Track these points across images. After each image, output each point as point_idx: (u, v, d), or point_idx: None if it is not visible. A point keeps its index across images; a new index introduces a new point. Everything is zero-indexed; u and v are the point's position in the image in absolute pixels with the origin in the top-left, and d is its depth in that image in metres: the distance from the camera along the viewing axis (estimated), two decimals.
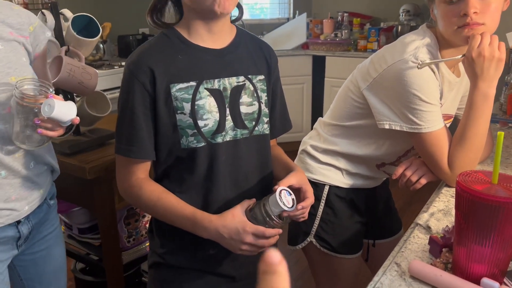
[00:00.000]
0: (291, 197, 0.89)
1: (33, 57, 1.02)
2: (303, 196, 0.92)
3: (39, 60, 1.04)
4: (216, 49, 0.93)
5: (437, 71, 1.06)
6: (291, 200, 0.88)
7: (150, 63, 0.88)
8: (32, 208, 1.06)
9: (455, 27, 1.01)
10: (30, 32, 1.00)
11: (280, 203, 0.85)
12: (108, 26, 3.23)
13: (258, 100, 0.97)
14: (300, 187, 0.92)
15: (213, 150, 0.92)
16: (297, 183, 0.92)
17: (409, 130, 1.06)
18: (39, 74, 1.02)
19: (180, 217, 0.90)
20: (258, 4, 4.41)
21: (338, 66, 3.62)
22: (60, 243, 1.20)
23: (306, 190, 0.92)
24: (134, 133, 0.90)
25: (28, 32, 1.00)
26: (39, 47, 1.03)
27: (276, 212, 0.87)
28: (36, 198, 1.07)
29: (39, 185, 1.07)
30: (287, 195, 0.88)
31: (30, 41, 1.00)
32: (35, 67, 1.02)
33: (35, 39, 1.02)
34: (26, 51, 1.00)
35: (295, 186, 0.92)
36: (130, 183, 0.94)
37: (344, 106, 1.22)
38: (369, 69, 1.13)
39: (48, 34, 1.06)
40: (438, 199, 1.05)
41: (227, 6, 0.85)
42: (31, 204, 1.05)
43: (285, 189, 0.89)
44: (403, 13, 3.63)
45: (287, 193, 0.89)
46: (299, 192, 0.92)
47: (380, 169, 1.25)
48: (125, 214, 1.58)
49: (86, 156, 1.42)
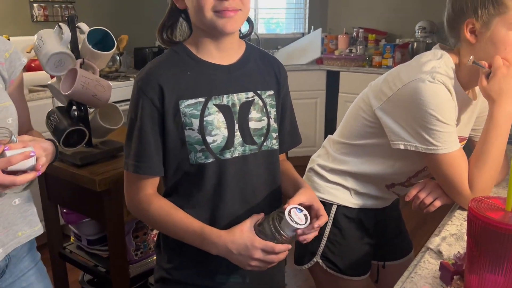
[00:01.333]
0: (303, 213, 0.87)
1: (9, 83, 1.01)
2: (316, 214, 0.90)
3: (14, 86, 1.03)
4: (225, 65, 0.93)
5: (453, 92, 1.04)
6: (303, 217, 0.87)
7: (159, 79, 0.88)
8: (7, 251, 0.98)
9: None
10: (5, 58, 0.99)
11: (291, 223, 0.84)
12: (125, 38, 3.28)
13: (267, 116, 0.97)
14: (311, 205, 0.91)
15: (221, 166, 0.91)
16: (307, 201, 0.91)
17: (425, 151, 1.04)
18: (15, 100, 0.99)
19: (188, 233, 0.89)
20: (274, 18, 4.44)
21: (353, 82, 3.61)
22: (43, 279, 1.10)
23: (318, 207, 0.91)
24: (143, 149, 0.90)
25: (4, 59, 0.99)
26: (14, 74, 1.02)
27: (289, 232, 0.85)
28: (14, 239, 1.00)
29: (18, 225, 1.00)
30: (297, 213, 0.87)
31: (5, 67, 0.99)
32: (10, 94, 1.00)
33: (11, 66, 1.00)
34: (2, 77, 0.99)
35: (305, 204, 0.90)
36: (139, 198, 0.94)
37: (354, 124, 1.21)
38: (382, 88, 1.11)
39: (24, 61, 1.04)
40: (450, 222, 1.02)
41: (234, 26, 0.86)
42: (5, 247, 0.98)
43: (295, 207, 0.87)
44: (419, 30, 3.62)
45: (298, 210, 0.87)
46: (310, 210, 0.91)
47: (389, 189, 1.23)
48: (134, 226, 1.58)
49: (97, 168, 1.42)
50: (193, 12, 0.87)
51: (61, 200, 1.64)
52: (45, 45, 1.36)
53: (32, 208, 1.05)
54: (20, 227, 1.01)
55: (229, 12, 0.84)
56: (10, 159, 0.80)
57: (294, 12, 4.40)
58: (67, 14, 3.13)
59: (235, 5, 0.84)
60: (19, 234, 1.01)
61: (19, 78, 1.04)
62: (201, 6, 0.83)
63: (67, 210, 1.62)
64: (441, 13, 1.14)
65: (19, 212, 1.01)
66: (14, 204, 0.99)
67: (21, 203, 1.01)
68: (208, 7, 0.83)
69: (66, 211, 1.63)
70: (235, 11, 0.84)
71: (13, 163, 0.80)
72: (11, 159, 0.80)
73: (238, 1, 0.84)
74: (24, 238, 1.02)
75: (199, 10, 0.84)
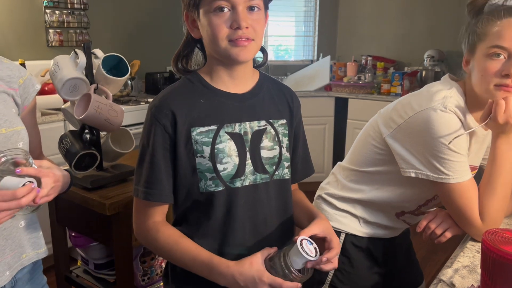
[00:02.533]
0: (313, 246, 0.86)
1: (22, 109, 1.03)
2: (328, 246, 0.88)
3: (27, 112, 1.05)
4: (238, 94, 0.94)
5: (465, 122, 1.05)
6: (313, 250, 0.85)
7: (172, 106, 0.89)
8: (13, 273, 0.98)
9: (491, 85, 1.00)
10: (19, 84, 1.02)
11: (303, 253, 0.82)
12: (137, 63, 3.34)
13: (279, 145, 0.97)
14: (325, 237, 0.89)
15: (231, 194, 0.91)
16: (321, 233, 0.89)
17: (436, 180, 1.04)
18: (27, 125, 1.02)
19: (197, 262, 0.88)
20: (283, 46, 4.51)
21: (361, 109, 3.62)
22: None
23: (331, 239, 0.89)
24: (153, 176, 0.90)
25: (18, 85, 1.01)
26: (27, 100, 1.04)
27: (298, 264, 0.83)
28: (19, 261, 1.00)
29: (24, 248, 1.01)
30: (308, 245, 0.85)
31: (19, 93, 1.01)
32: (23, 119, 1.02)
33: (24, 92, 1.03)
34: (15, 103, 1.01)
35: (319, 236, 0.89)
36: (147, 226, 0.93)
37: (363, 151, 1.21)
38: (392, 116, 1.12)
39: (38, 87, 1.06)
40: (463, 253, 1.01)
41: (247, 55, 0.87)
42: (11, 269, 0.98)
43: (306, 238, 0.85)
44: (427, 59, 3.64)
45: (309, 242, 0.85)
46: (323, 242, 0.90)
47: (399, 218, 1.22)
48: (141, 251, 1.58)
49: (107, 191, 1.43)
50: (207, 41, 0.89)
51: (69, 223, 1.65)
52: (60, 71, 1.39)
53: (38, 230, 1.06)
54: (25, 249, 1.02)
55: (242, 41, 0.85)
56: (15, 193, 0.80)
57: (303, 39, 4.46)
58: (81, 39, 3.21)
59: (248, 34, 0.86)
60: (24, 257, 1.01)
61: (32, 104, 1.07)
62: (216, 35, 0.85)
63: (76, 233, 1.62)
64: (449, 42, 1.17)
65: (24, 234, 1.01)
66: (20, 226, 1.00)
67: (26, 225, 1.02)
68: (222, 36, 0.85)
69: (74, 234, 1.63)
70: (248, 41, 0.86)
71: (18, 196, 0.81)
72: (17, 193, 0.80)
73: (252, 31, 0.86)
74: (27, 260, 1.02)
75: (213, 39, 0.86)
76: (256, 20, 0.87)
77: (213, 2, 0.84)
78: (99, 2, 3.29)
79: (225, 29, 0.85)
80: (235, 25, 0.84)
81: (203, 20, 0.87)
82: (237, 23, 0.84)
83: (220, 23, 0.85)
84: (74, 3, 3.13)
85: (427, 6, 3.79)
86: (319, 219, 0.93)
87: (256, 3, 0.86)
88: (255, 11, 0.86)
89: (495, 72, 0.99)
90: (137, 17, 3.59)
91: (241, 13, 0.84)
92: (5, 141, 0.93)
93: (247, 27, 0.84)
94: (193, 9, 0.89)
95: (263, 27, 0.89)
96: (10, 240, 0.97)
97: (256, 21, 0.87)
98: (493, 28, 1.00)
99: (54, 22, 3.04)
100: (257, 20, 0.87)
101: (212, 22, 0.85)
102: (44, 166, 0.91)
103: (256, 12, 0.87)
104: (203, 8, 0.86)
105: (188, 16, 0.91)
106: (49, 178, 0.89)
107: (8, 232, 0.97)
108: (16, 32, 2.88)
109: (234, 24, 0.84)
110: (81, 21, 3.20)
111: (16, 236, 0.99)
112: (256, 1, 0.86)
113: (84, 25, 3.21)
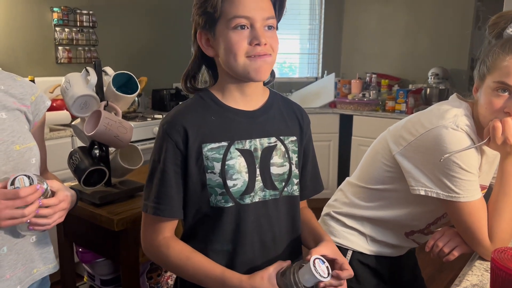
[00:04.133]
0: (325, 265, 0.86)
1: (32, 125, 1.06)
2: (341, 268, 0.89)
3: (37, 127, 1.08)
4: (249, 111, 0.96)
5: (476, 141, 1.05)
6: (325, 269, 0.85)
7: (184, 123, 0.91)
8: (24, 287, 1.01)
9: (493, 117, 1.02)
10: (31, 101, 1.04)
11: (315, 274, 0.82)
12: (144, 80, 3.38)
13: (289, 161, 0.98)
14: (335, 259, 0.90)
15: (241, 210, 0.92)
16: (331, 254, 0.90)
17: (446, 198, 1.04)
18: (36, 141, 1.04)
19: (209, 276, 0.89)
20: (287, 62, 4.55)
21: (366, 126, 3.64)
22: None
23: (343, 261, 0.90)
24: (164, 191, 0.91)
25: (30, 102, 1.04)
26: (38, 116, 1.07)
27: (309, 283, 0.84)
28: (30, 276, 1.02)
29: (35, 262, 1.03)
30: (321, 264, 0.85)
31: (31, 110, 1.04)
32: (32, 134, 1.05)
33: (36, 108, 1.06)
34: (27, 119, 1.04)
35: (329, 257, 0.90)
36: (158, 242, 0.94)
37: (372, 168, 1.21)
38: (402, 133, 1.13)
39: (48, 104, 1.10)
40: (471, 272, 1.01)
41: (264, 75, 0.90)
42: (23, 283, 1.00)
43: (319, 257, 0.86)
44: (431, 76, 3.67)
45: (321, 261, 0.86)
46: (333, 263, 0.90)
47: (409, 237, 1.22)
48: (148, 268, 1.58)
49: (115, 207, 1.44)
50: (224, 58, 0.91)
51: (77, 238, 1.65)
52: (72, 88, 1.42)
53: (49, 245, 1.08)
54: (36, 264, 1.03)
55: (261, 57, 0.88)
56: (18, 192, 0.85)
57: (308, 57, 4.51)
58: (89, 56, 3.25)
59: (266, 50, 0.88)
60: (35, 271, 1.03)
61: (42, 120, 1.09)
62: (235, 52, 0.88)
63: (83, 249, 1.63)
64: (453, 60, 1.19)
65: (36, 249, 1.03)
66: (31, 241, 1.01)
67: (38, 240, 1.03)
68: (241, 53, 0.88)
69: (81, 249, 1.63)
70: (267, 56, 0.89)
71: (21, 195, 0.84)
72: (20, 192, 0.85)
73: (269, 47, 0.89)
74: (38, 275, 1.04)
75: (232, 56, 0.88)
76: (272, 37, 0.90)
77: (232, 20, 0.87)
78: (107, 20, 3.35)
79: (245, 46, 0.87)
80: (255, 41, 0.87)
81: (220, 38, 0.89)
82: (257, 40, 0.87)
83: (240, 40, 0.87)
84: (84, 21, 3.19)
85: (432, 24, 3.83)
86: (326, 241, 0.94)
87: (272, 22, 0.90)
88: (271, 30, 0.90)
89: (498, 108, 1.01)
90: (144, 34, 3.64)
91: (259, 30, 0.87)
92: (19, 158, 0.95)
93: (265, 43, 0.87)
94: (209, 28, 0.91)
95: (278, 45, 0.92)
96: (22, 254, 0.99)
97: (272, 39, 0.90)
98: (502, 63, 1.00)
99: (64, 39, 3.09)
100: (273, 37, 0.90)
101: (232, 39, 0.87)
102: (54, 187, 0.94)
103: (272, 30, 0.90)
104: (221, 26, 0.89)
105: (202, 35, 0.93)
106: (65, 203, 0.94)
107: (20, 247, 0.98)
108: (26, 49, 2.93)
109: (254, 40, 0.87)
110: (90, 38, 3.25)
111: (27, 251, 1.00)
112: (271, 20, 0.90)
113: (92, 43, 3.26)
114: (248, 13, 0.87)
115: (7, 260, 0.95)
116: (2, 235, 0.94)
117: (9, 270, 0.95)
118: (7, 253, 0.95)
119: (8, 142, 0.95)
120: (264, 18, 0.88)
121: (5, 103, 0.98)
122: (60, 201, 0.93)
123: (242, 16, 0.86)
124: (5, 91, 1.00)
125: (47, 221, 0.91)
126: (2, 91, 0.99)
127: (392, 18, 4.05)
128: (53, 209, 0.91)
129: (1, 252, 0.94)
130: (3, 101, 0.98)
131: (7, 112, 0.98)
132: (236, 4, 0.87)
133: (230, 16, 0.87)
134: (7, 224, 0.85)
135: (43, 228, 0.91)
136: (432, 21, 3.83)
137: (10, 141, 0.95)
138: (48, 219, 0.91)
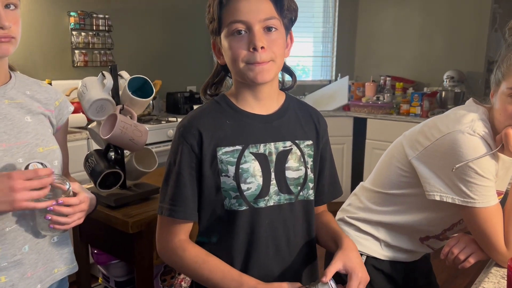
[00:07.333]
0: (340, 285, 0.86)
1: (56, 129, 1.10)
2: (350, 285, 0.86)
3: (60, 132, 1.12)
4: (264, 115, 0.96)
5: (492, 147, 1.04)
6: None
7: (199, 127, 0.92)
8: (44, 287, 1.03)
9: (508, 123, 1.01)
10: (55, 106, 1.08)
11: None
12: (158, 83, 3.41)
13: (305, 165, 0.98)
14: (349, 273, 0.87)
15: (255, 214, 0.93)
16: (343, 268, 0.87)
17: (462, 203, 1.03)
18: (59, 144, 1.07)
19: (226, 279, 0.89)
20: (301, 65, 4.55)
21: (380, 129, 3.61)
22: None
23: (351, 277, 0.86)
24: (179, 194, 0.92)
25: (54, 107, 1.08)
26: (62, 121, 1.11)
27: None
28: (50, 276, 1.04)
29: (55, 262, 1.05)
30: (333, 286, 0.84)
31: (55, 114, 1.08)
32: (56, 138, 1.08)
33: (59, 113, 1.10)
34: (51, 123, 1.07)
35: (342, 272, 0.88)
36: (173, 244, 0.94)
37: (387, 173, 1.21)
38: (418, 138, 1.12)
39: (71, 109, 1.14)
40: (487, 279, 1.00)
41: (265, 77, 0.89)
42: (43, 283, 1.02)
43: (332, 281, 0.85)
44: (447, 79, 3.63)
45: (333, 282, 0.85)
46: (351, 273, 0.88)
47: (424, 243, 1.21)
48: (162, 270, 1.59)
49: (130, 210, 1.46)
50: (229, 65, 0.92)
51: (92, 240, 1.67)
52: (88, 92, 1.44)
53: (69, 246, 1.10)
54: (57, 264, 1.05)
55: (259, 65, 0.87)
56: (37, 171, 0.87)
57: (321, 60, 4.50)
58: (105, 59, 3.30)
59: (265, 57, 0.87)
60: (55, 271, 1.05)
61: (65, 124, 1.13)
62: (235, 58, 0.88)
63: (98, 251, 1.65)
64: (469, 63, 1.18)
65: (56, 250, 1.05)
66: (52, 241, 1.04)
67: (59, 241, 1.06)
68: (240, 60, 0.88)
69: (96, 251, 1.65)
70: (265, 63, 0.88)
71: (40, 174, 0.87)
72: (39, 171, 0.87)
73: (269, 52, 0.88)
74: (59, 275, 1.06)
75: (233, 62, 0.89)
76: (274, 40, 0.88)
77: (230, 26, 0.87)
78: (122, 24, 3.39)
79: (244, 52, 0.87)
80: (251, 46, 0.86)
81: (224, 44, 0.90)
82: (252, 44, 0.86)
83: (239, 46, 0.87)
84: (100, 25, 3.23)
85: (447, 26, 3.79)
86: (342, 250, 0.91)
87: (273, 23, 0.88)
88: (272, 32, 0.88)
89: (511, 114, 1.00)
90: (158, 38, 3.68)
91: (256, 33, 0.86)
92: (42, 159, 0.98)
93: (263, 47, 0.86)
94: (216, 36, 0.92)
95: (282, 47, 0.91)
96: (43, 254, 1.01)
97: (273, 42, 0.88)
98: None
99: (80, 43, 3.14)
100: (275, 40, 0.88)
101: (231, 46, 0.88)
102: (76, 188, 0.97)
103: (274, 32, 0.88)
104: (223, 33, 0.90)
105: (215, 44, 0.95)
106: (85, 204, 0.96)
107: (41, 247, 1.01)
108: (43, 53, 2.98)
109: (251, 45, 0.86)
110: (106, 42, 3.29)
111: (48, 250, 1.03)
112: (272, 21, 0.88)
113: (108, 46, 3.30)
114: (243, 17, 0.86)
115: (28, 259, 0.98)
116: (24, 234, 0.96)
117: (30, 268, 0.98)
118: (29, 252, 0.98)
119: (32, 145, 0.98)
120: (261, 20, 0.86)
121: (30, 107, 1.02)
122: (80, 201, 0.95)
123: (238, 20, 0.86)
124: (31, 96, 1.04)
125: (67, 220, 0.93)
126: (28, 96, 1.03)
127: (406, 20, 4.02)
128: (73, 209, 0.93)
129: (23, 250, 0.97)
130: (29, 105, 1.02)
131: (32, 116, 1.02)
132: (231, 10, 0.87)
133: (228, 22, 0.88)
134: (22, 206, 0.85)
135: (63, 227, 0.93)
136: (447, 23, 3.79)
137: (34, 143, 0.98)
138: (68, 218, 0.93)
